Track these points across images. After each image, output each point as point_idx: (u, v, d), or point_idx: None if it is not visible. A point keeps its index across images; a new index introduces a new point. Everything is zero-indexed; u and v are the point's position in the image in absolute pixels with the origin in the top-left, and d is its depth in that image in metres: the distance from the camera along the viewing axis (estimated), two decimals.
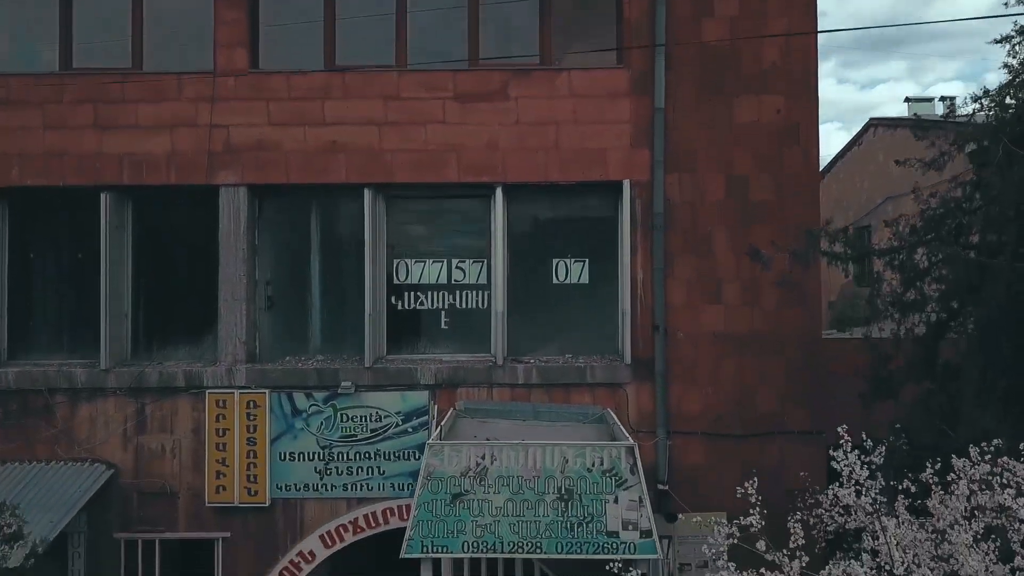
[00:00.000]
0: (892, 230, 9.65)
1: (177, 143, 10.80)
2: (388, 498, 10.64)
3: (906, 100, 23.34)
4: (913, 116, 21.61)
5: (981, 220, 8.90)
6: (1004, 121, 8.58)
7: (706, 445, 10.65)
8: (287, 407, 10.72)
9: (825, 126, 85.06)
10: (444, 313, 11.19)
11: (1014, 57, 8.80)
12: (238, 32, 10.85)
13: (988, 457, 5.82)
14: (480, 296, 11.12)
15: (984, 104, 8.85)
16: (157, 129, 10.79)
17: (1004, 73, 8.81)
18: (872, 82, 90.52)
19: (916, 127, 13.85)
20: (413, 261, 11.18)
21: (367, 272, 10.73)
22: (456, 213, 11.31)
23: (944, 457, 6.07)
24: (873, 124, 22.40)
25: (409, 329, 11.22)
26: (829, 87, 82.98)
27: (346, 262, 11.11)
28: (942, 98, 21.12)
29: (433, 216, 11.37)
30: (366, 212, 10.74)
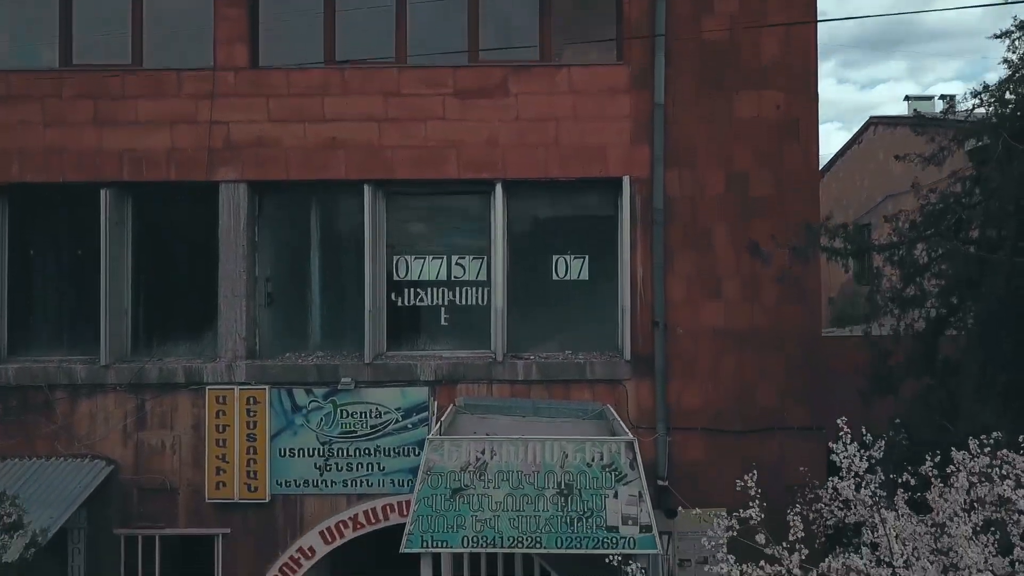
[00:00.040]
0: (892, 226, 9.64)
1: (177, 139, 10.80)
2: (388, 494, 10.63)
3: (906, 98, 23.34)
4: (913, 111, 21.60)
5: (981, 215, 8.90)
6: (1004, 116, 8.58)
7: (706, 441, 10.65)
8: (287, 403, 10.72)
9: (825, 126, 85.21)
10: (444, 309, 11.19)
11: (1014, 52, 8.81)
12: (238, 28, 10.85)
13: (987, 450, 5.82)
14: (480, 292, 11.12)
15: (984, 99, 8.86)
16: (157, 125, 10.79)
17: (1004, 68, 8.84)
18: (872, 82, 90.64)
19: (916, 125, 13.85)
20: (413, 258, 11.18)
21: (367, 268, 10.73)
22: (456, 210, 11.30)
23: (944, 450, 6.07)
24: (873, 122, 22.40)
25: (409, 325, 11.22)
26: (829, 87, 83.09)
27: (346, 258, 11.11)
28: (942, 96, 21.11)
29: (433, 213, 11.36)
30: (366, 209, 10.74)
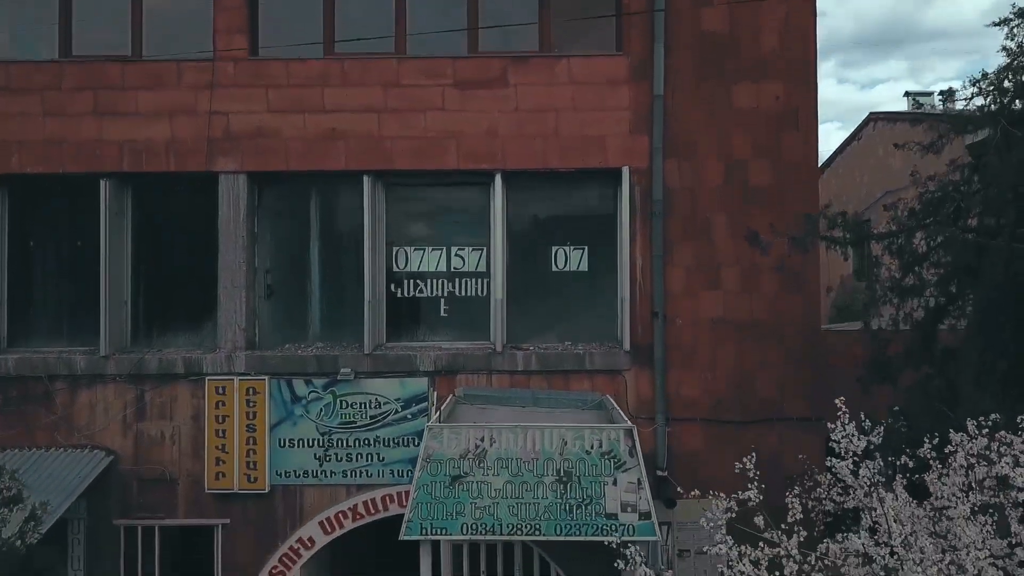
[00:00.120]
0: (891, 215, 9.64)
1: (177, 130, 10.80)
2: (387, 484, 10.64)
3: (906, 94, 23.32)
4: (914, 102, 21.58)
5: (980, 203, 8.90)
6: (1003, 104, 8.58)
7: (705, 432, 10.66)
8: (286, 394, 10.73)
9: (825, 126, 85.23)
10: (443, 301, 11.19)
11: (1012, 40, 8.80)
12: (238, 19, 10.85)
13: (986, 431, 5.83)
14: (479, 283, 11.12)
15: (982, 88, 8.86)
16: (157, 116, 10.80)
17: (1002, 56, 8.83)
18: (872, 82, 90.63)
19: (915, 119, 13.86)
20: (412, 249, 11.19)
21: (366, 259, 10.73)
22: (455, 200, 11.29)
23: (942, 433, 6.07)
24: (873, 118, 22.37)
25: (408, 316, 11.23)
26: (829, 87, 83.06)
27: (345, 249, 11.12)
28: (941, 92, 21.09)
29: (432, 204, 11.36)
30: (365, 199, 10.74)
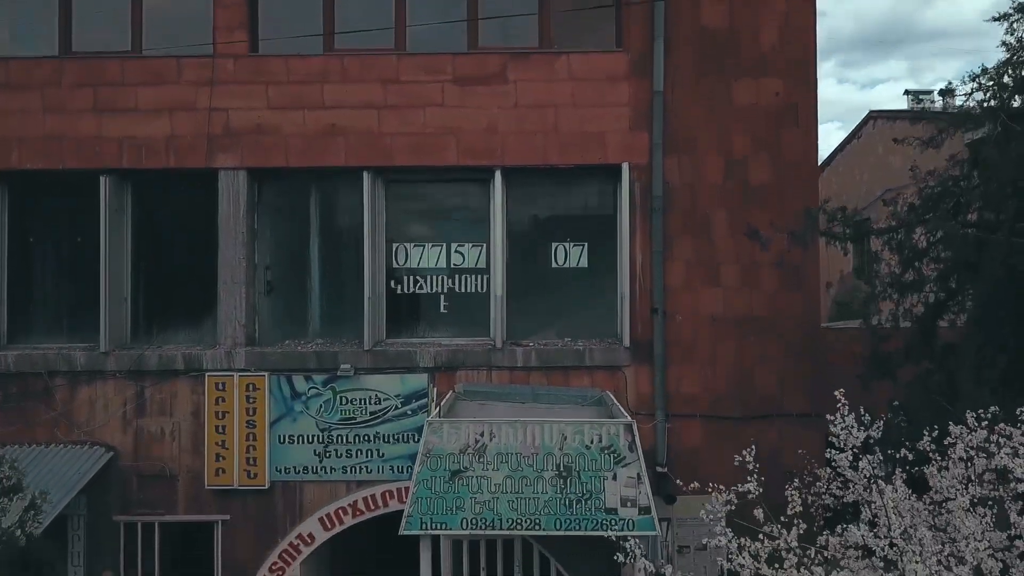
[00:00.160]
0: (890, 210, 9.64)
1: (176, 127, 10.80)
2: (387, 481, 10.63)
3: (906, 92, 23.36)
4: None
5: (979, 197, 8.91)
6: (1002, 99, 8.58)
7: (705, 428, 10.65)
8: (286, 390, 10.72)
9: (825, 125, 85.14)
10: (443, 297, 11.19)
11: (1012, 35, 8.81)
12: (237, 16, 10.85)
13: (985, 424, 5.83)
14: (479, 280, 11.12)
15: (982, 83, 8.86)
16: (156, 112, 10.80)
17: (1002, 51, 8.83)
18: (872, 82, 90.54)
19: (915, 117, 13.85)
20: (412, 245, 11.19)
21: (366, 256, 10.72)
22: (455, 197, 11.32)
23: (942, 425, 6.08)
24: (872, 117, 22.42)
25: (408, 313, 11.23)
26: (829, 87, 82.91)
27: (345, 246, 11.13)
28: (941, 92, 21.10)
29: (432, 200, 11.38)
30: (365, 196, 10.74)
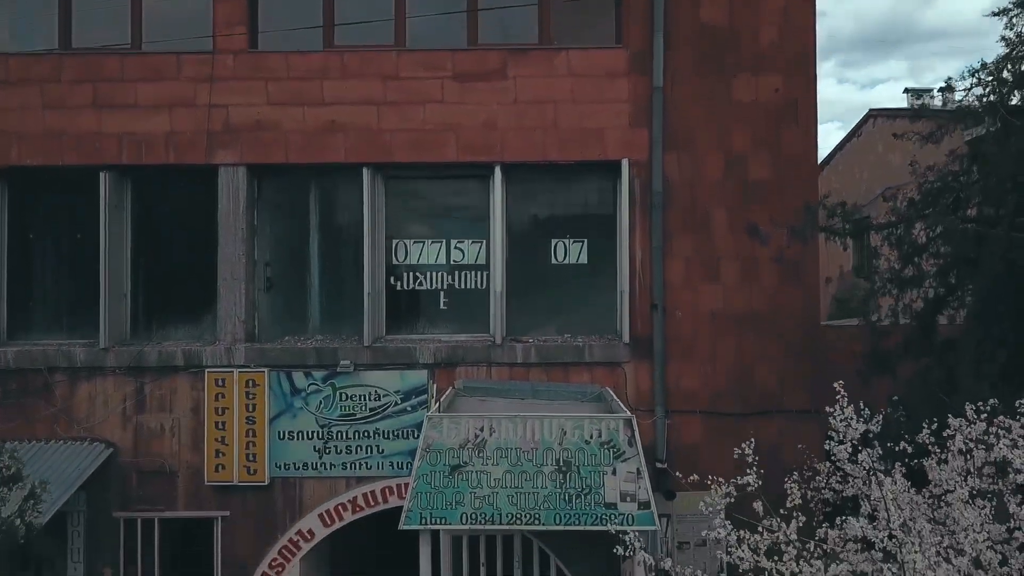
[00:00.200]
0: (890, 205, 9.64)
1: (176, 123, 10.80)
2: (387, 477, 10.63)
3: (905, 91, 23.34)
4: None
5: (979, 192, 8.91)
6: (1002, 94, 8.58)
7: (704, 424, 10.65)
8: (286, 386, 10.72)
9: (825, 125, 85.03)
10: (443, 293, 11.19)
11: (1011, 30, 8.80)
12: (237, 12, 10.84)
13: (984, 417, 5.84)
14: (479, 276, 11.12)
15: (981, 78, 8.86)
16: (156, 109, 10.79)
17: (1001, 46, 8.83)
18: (872, 82, 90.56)
19: (914, 115, 13.85)
20: (412, 242, 11.18)
21: (366, 252, 10.72)
22: (455, 193, 11.30)
23: (941, 419, 6.08)
24: (872, 115, 22.40)
25: (408, 309, 11.23)
26: (829, 87, 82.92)
27: (345, 242, 11.12)
28: (940, 89, 21.09)
29: (432, 196, 11.36)
30: (364, 192, 10.73)
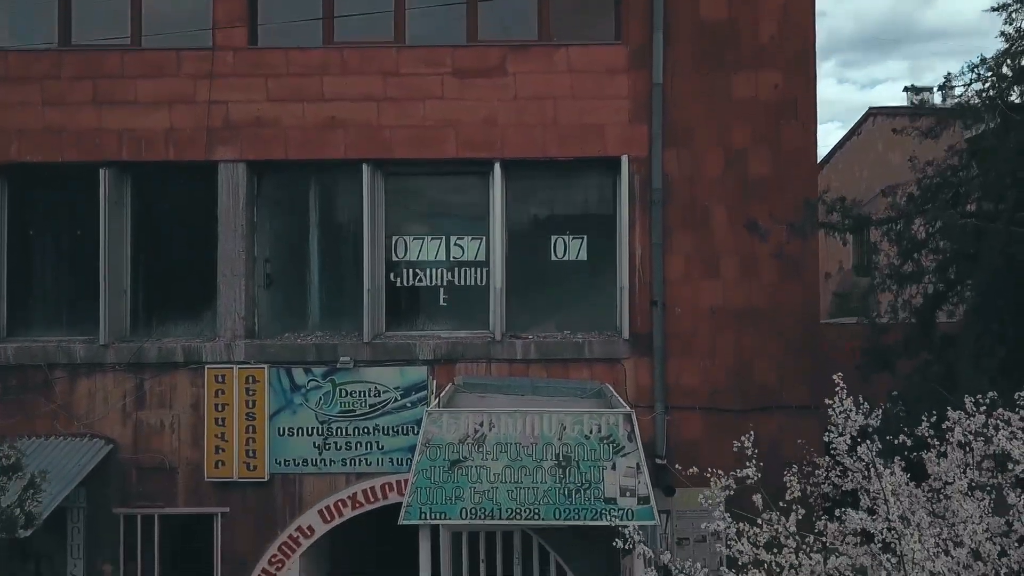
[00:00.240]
0: (889, 201, 9.64)
1: (176, 119, 10.81)
2: (387, 473, 10.64)
3: (905, 89, 23.34)
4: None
5: (978, 187, 8.91)
6: (1001, 89, 8.59)
7: (704, 420, 10.65)
8: (286, 382, 10.73)
9: (825, 126, 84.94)
10: (443, 290, 11.19)
11: (1010, 25, 8.80)
12: (237, 8, 10.85)
13: (983, 409, 5.84)
14: (479, 273, 11.13)
15: (980, 73, 8.86)
16: (156, 105, 10.80)
17: (1001, 42, 8.82)
18: (872, 82, 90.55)
19: (914, 113, 13.85)
20: (411, 238, 11.19)
21: (365, 249, 10.73)
22: (454, 190, 11.31)
23: (940, 412, 6.08)
24: (872, 113, 22.38)
25: (408, 306, 11.24)
26: (829, 87, 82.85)
27: (344, 239, 11.14)
28: (940, 85, 21.07)
29: (431, 193, 11.37)
30: (364, 188, 10.74)
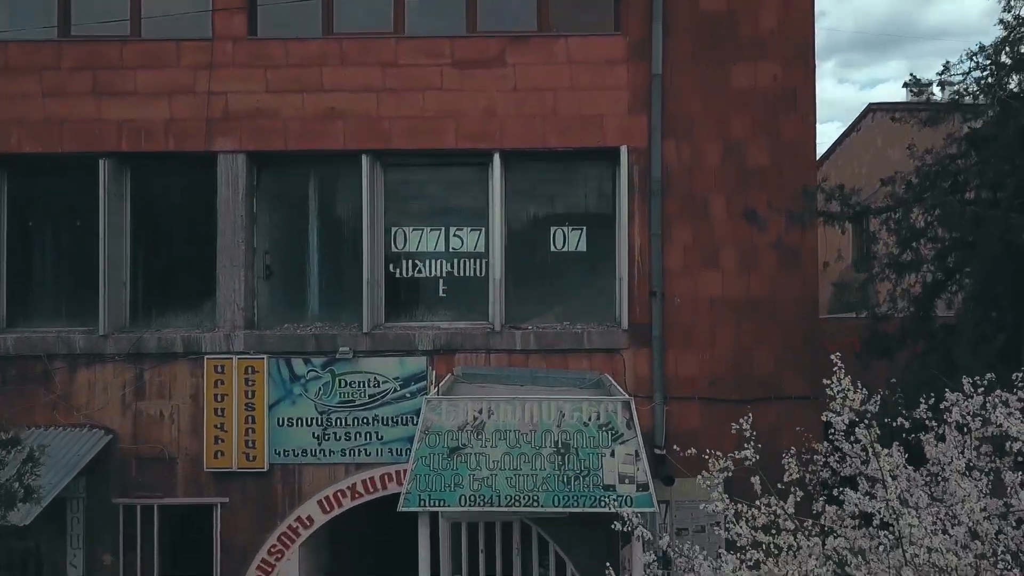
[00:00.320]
0: (888, 190, 9.65)
1: (175, 110, 10.82)
2: (386, 463, 10.64)
3: (905, 85, 23.28)
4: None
5: (976, 175, 8.91)
6: (1000, 76, 8.60)
7: (703, 410, 10.64)
8: (285, 373, 10.74)
9: (825, 126, 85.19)
10: (442, 281, 11.20)
11: (1009, 12, 8.81)
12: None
13: (981, 390, 5.84)
14: (478, 264, 11.13)
15: (979, 61, 8.88)
16: (156, 96, 10.81)
17: (1000, 30, 8.83)
18: (872, 82, 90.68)
19: (913, 108, 13.84)
20: (411, 229, 11.19)
21: (365, 239, 10.73)
22: (454, 181, 11.30)
23: (939, 396, 6.09)
24: (872, 109, 22.40)
25: (407, 296, 11.24)
26: (829, 87, 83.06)
27: (344, 229, 11.15)
28: (940, 83, 21.06)
29: (431, 183, 11.35)
30: (364, 179, 10.75)
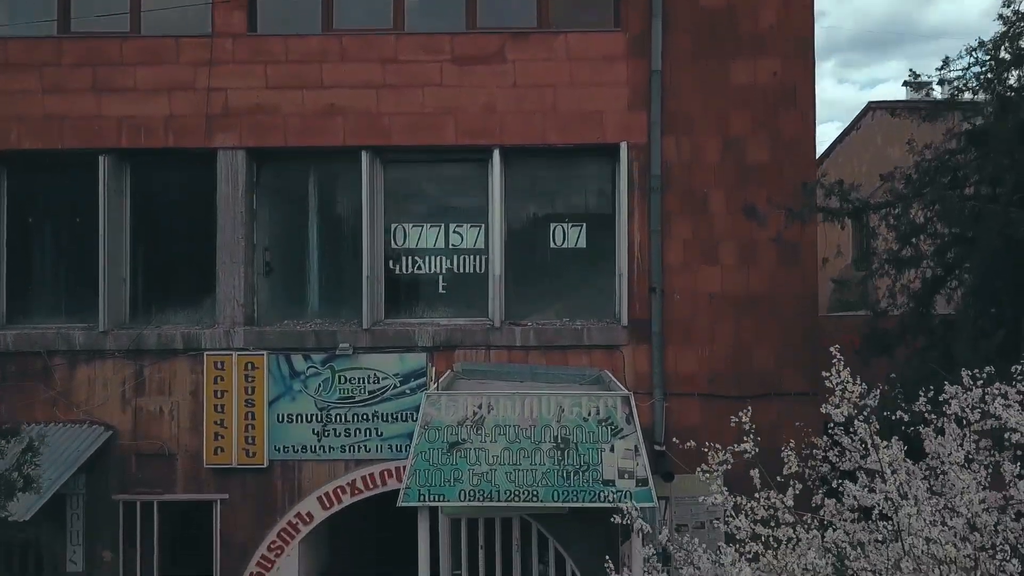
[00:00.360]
0: (888, 185, 9.65)
1: (175, 106, 10.82)
2: (386, 459, 10.65)
3: (905, 83, 23.30)
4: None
5: (976, 171, 8.91)
6: (999, 71, 8.59)
7: (703, 406, 10.64)
8: (285, 369, 10.74)
9: (825, 126, 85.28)
10: (442, 277, 11.20)
11: (1008, 7, 8.80)
12: None
13: (980, 383, 5.84)
14: (478, 260, 11.14)
15: (978, 57, 8.88)
16: (155, 92, 10.82)
17: (999, 24, 8.83)
18: (872, 82, 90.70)
19: (913, 108, 13.83)
20: (411, 225, 11.19)
21: (364, 236, 10.74)
22: (454, 177, 11.31)
23: (937, 390, 6.08)
24: (872, 108, 22.40)
25: (407, 293, 11.25)
26: (829, 87, 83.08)
27: (344, 226, 11.17)
28: (939, 82, 21.06)
29: (431, 180, 11.36)
30: (363, 175, 10.76)
